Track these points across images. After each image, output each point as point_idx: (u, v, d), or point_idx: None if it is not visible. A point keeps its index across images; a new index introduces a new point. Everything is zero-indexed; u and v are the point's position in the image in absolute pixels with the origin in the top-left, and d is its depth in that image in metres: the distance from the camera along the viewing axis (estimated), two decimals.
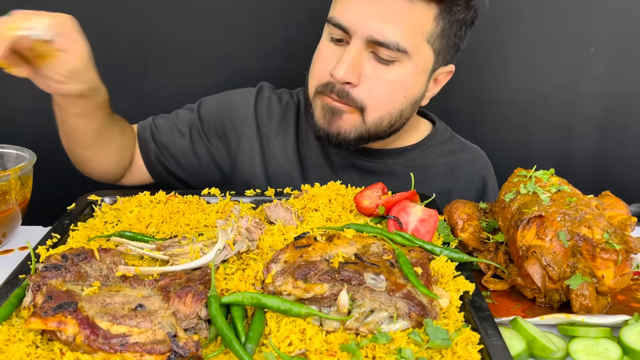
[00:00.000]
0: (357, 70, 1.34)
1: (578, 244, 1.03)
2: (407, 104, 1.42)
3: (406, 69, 1.36)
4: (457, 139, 1.69)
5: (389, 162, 1.59)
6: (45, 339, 0.84)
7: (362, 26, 1.31)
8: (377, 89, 1.36)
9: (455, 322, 0.91)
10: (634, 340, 0.94)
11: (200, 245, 1.04)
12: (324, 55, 1.40)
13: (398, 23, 1.31)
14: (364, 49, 1.33)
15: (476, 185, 1.65)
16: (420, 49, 1.35)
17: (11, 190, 1.24)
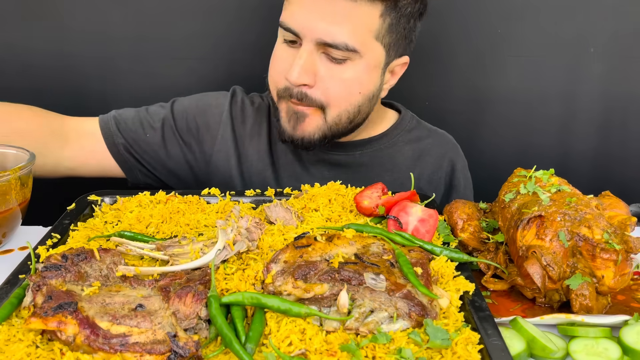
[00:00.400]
0: (311, 71, 1.37)
1: (578, 244, 1.03)
2: (363, 100, 1.45)
3: (358, 66, 1.39)
4: (424, 126, 1.73)
5: (357, 153, 1.63)
6: (45, 339, 0.84)
7: (310, 29, 1.34)
8: (332, 88, 1.40)
9: (455, 322, 0.91)
10: (633, 340, 0.94)
11: (200, 246, 1.04)
12: (279, 58, 1.44)
13: (344, 24, 1.34)
14: (315, 50, 1.37)
15: (445, 169, 1.68)
16: (369, 47, 1.38)
17: (11, 190, 1.24)
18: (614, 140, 2.15)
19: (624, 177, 2.17)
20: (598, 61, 2.05)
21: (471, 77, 2.07)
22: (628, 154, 2.16)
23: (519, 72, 2.09)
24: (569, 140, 2.16)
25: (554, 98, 2.11)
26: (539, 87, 2.10)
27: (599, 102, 2.11)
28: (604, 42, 2.03)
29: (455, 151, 1.73)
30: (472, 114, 2.13)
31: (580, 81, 2.08)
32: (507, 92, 2.11)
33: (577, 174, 2.14)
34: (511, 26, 2.01)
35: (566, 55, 2.05)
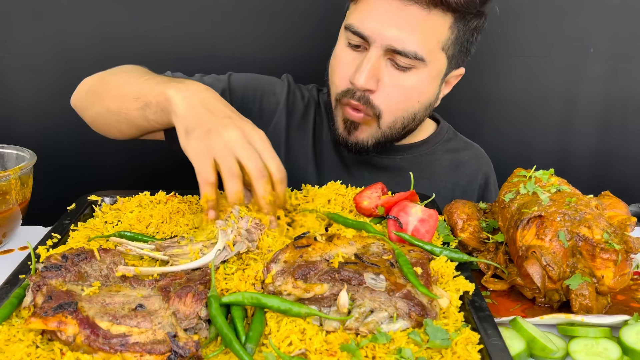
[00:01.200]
0: (376, 77, 1.38)
1: (578, 244, 1.03)
2: (420, 108, 1.48)
3: (421, 75, 1.40)
4: (460, 138, 1.75)
5: (397, 157, 1.64)
6: (45, 339, 0.84)
7: (381, 35, 1.34)
8: (394, 95, 1.41)
9: (455, 322, 0.91)
10: (633, 340, 0.94)
11: (200, 246, 1.04)
12: (342, 62, 1.44)
13: (416, 32, 1.34)
14: (382, 56, 1.37)
15: (479, 182, 1.70)
16: (435, 56, 1.40)
17: (11, 190, 1.24)
18: (614, 140, 2.15)
19: (624, 177, 2.18)
20: (598, 61, 2.06)
21: (471, 77, 2.06)
22: (628, 154, 2.16)
23: (519, 72, 2.09)
24: (568, 140, 2.16)
25: (554, 98, 2.11)
26: (539, 87, 2.10)
27: (599, 102, 2.11)
28: (604, 42, 2.03)
29: (489, 166, 1.74)
30: (472, 114, 2.13)
31: (580, 81, 2.08)
32: (507, 92, 2.12)
33: (577, 174, 2.14)
34: (511, 26, 2.01)
35: (566, 55, 2.05)
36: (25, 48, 1.97)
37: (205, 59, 2.02)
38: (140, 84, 1.30)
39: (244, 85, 1.62)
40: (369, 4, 1.37)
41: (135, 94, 1.29)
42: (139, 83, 1.30)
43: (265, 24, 2.01)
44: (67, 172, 2.04)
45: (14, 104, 2.03)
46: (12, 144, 1.39)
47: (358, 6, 1.40)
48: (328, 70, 1.51)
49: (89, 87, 1.47)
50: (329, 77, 1.50)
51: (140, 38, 1.99)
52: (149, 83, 1.28)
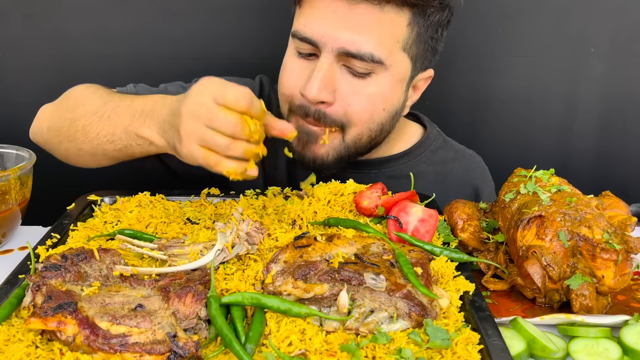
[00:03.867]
0: (331, 87, 1.25)
1: (578, 244, 1.03)
2: (387, 117, 1.34)
3: (383, 80, 1.28)
4: (450, 146, 1.60)
5: (372, 173, 1.50)
6: (45, 339, 0.84)
7: (332, 38, 1.22)
8: (355, 105, 1.28)
9: (455, 322, 0.91)
10: (634, 340, 0.94)
11: (201, 247, 1.04)
12: (292, 71, 1.31)
13: (370, 32, 1.22)
14: (336, 62, 1.25)
15: (468, 196, 1.55)
16: (396, 58, 1.28)
17: (11, 190, 1.24)
18: (614, 140, 2.15)
19: (624, 177, 2.18)
20: (598, 61, 2.05)
21: (471, 77, 2.07)
22: (628, 154, 2.16)
23: (519, 72, 2.09)
24: (569, 140, 2.16)
25: (554, 98, 2.11)
26: (539, 87, 2.10)
27: (599, 102, 2.11)
28: (604, 42, 2.03)
29: (482, 178, 1.61)
30: (472, 114, 2.13)
31: (580, 81, 2.08)
32: (507, 92, 2.11)
33: (577, 174, 2.14)
34: (511, 26, 2.01)
35: (566, 55, 2.05)
36: (25, 48, 1.97)
37: (204, 59, 2.02)
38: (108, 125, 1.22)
39: None
40: (314, 7, 1.25)
41: (109, 136, 1.23)
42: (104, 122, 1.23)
43: (265, 23, 2.01)
44: (66, 172, 2.03)
45: (14, 103, 2.03)
46: (12, 144, 1.39)
47: (303, 10, 1.28)
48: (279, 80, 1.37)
49: (49, 124, 1.37)
50: (278, 90, 1.37)
51: (140, 38, 1.99)
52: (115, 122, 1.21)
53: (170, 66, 2.01)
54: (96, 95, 1.31)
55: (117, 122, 1.21)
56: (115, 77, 2.00)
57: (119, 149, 1.23)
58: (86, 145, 1.28)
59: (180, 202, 1.31)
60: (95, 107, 1.26)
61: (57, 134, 1.33)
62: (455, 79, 2.05)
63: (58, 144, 1.35)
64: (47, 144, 1.40)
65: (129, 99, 1.24)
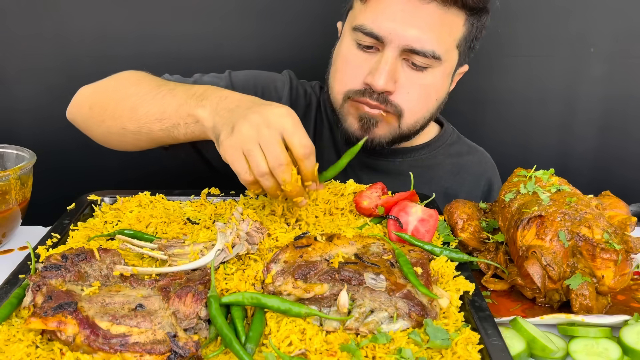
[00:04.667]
0: (394, 78, 1.35)
1: (578, 244, 1.03)
2: (437, 106, 1.47)
3: (437, 72, 1.39)
4: (464, 141, 1.71)
5: (397, 161, 1.61)
6: (45, 339, 0.84)
7: (399, 35, 1.31)
8: (412, 95, 1.39)
9: (455, 322, 0.91)
10: (634, 340, 0.94)
11: (201, 247, 1.04)
12: (353, 63, 1.40)
13: (434, 31, 1.32)
14: (399, 57, 1.35)
15: (482, 187, 1.66)
16: (450, 54, 1.39)
17: (11, 190, 1.24)
18: (614, 140, 2.15)
19: (624, 177, 2.18)
20: (598, 61, 2.06)
21: (471, 77, 2.06)
22: (628, 154, 2.16)
23: (519, 72, 2.09)
24: (569, 140, 2.16)
25: (554, 98, 2.11)
26: (539, 87, 2.10)
27: (599, 102, 2.11)
28: (604, 42, 2.03)
29: (493, 171, 1.71)
30: (472, 114, 2.13)
31: (580, 81, 2.08)
32: (507, 92, 2.12)
33: (577, 174, 2.14)
34: (511, 26, 2.01)
35: (566, 55, 2.05)
36: (26, 48, 1.97)
37: (205, 59, 2.02)
38: (160, 103, 1.28)
39: (243, 82, 1.59)
40: (382, 3, 1.33)
41: (158, 115, 1.28)
42: (157, 102, 1.28)
43: (265, 23, 2.01)
44: (67, 172, 2.04)
45: (14, 103, 2.03)
46: (12, 144, 1.39)
47: (368, 6, 1.36)
48: (329, 71, 1.47)
49: (92, 102, 1.41)
50: (331, 77, 1.46)
51: (140, 38, 1.99)
52: (169, 102, 1.26)
53: (171, 66, 2.01)
54: (149, 79, 1.38)
55: (171, 101, 1.26)
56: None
57: (165, 129, 1.27)
58: (132, 123, 1.31)
59: (180, 202, 1.31)
60: (148, 88, 1.32)
61: (101, 112, 1.36)
62: None
63: (100, 123, 1.38)
64: (85, 122, 1.43)
65: (187, 84, 1.31)
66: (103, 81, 1.44)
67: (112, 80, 1.42)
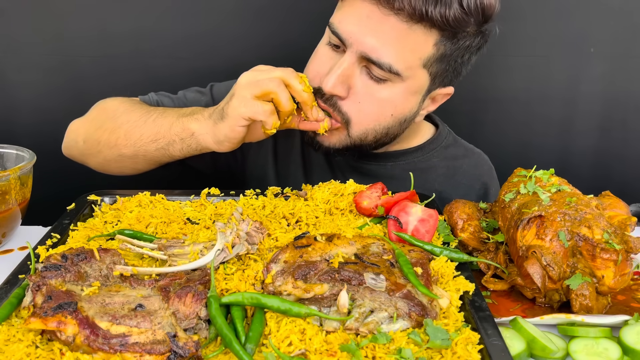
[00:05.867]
0: (347, 83, 1.31)
1: (578, 244, 1.03)
2: (394, 123, 1.40)
3: (397, 89, 1.33)
4: (460, 144, 1.68)
5: (389, 164, 1.58)
6: (45, 339, 0.84)
7: (358, 40, 1.27)
8: (365, 105, 1.33)
9: (455, 322, 0.91)
10: (633, 340, 0.94)
11: (201, 247, 1.04)
12: (319, 58, 1.38)
13: (394, 45, 1.26)
14: (357, 62, 1.30)
15: (477, 191, 1.63)
16: (414, 72, 1.32)
17: (11, 190, 1.24)
18: (614, 140, 2.15)
19: (624, 177, 2.18)
20: (598, 61, 2.06)
21: (471, 77, 2.06)
22: (628, 154, 2.16)
23: (519, 72, 2.09)
24: (569, 140, 2.16)
25: (554, 98, 2.11)
26: (539, 87, 2.10)
27: (599, 102, 2.11)
28: (604, 42, 2.03)
29: (490, 174, 1.67)
30: (472, 114, 2.13)
31: (580, 81, 2.08)
32: (507, 92, 2.12)
33: (577, 174, 2.14)
34: (511, 26, 2.01)
35: (566, 55, 2.05)
36: (25, 48, 1.97)
37: (205, 59, 2.02)
38: (153, 126, 1.38)
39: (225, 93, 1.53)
40: (353, 6, 1.30)
41: (153, 136, 1.37)
42: (149, 125, 1.38)
43: (265, 23, 2.01)
44: (67, 171, 2.04)
45: (14, 104, 2.03)
46: (12, 144, 1.39)
47: (343, 5, 1.33)
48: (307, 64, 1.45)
49: (85, 136, 1.48)
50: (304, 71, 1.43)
51: (141, 38, 1.99)
52: (161, 123, 1.37)
53: (171, 66, 2.01)
54: (137, 106, 1.47)
55: (163, 122, 1.37)
56: (115, 77, 2.01)
57: (161, 147, 1.37)
58: (127, 149, 1.41)
59: (180, 202, 1.31)
60: (139, 115, 1.42)
61: (96, 144, 1.46)
62: None
63: (96, 154, 1.48)
64: (83, 155, 1.52)
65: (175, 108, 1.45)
66: (90, 113, 1.51)
67: (100, 111, 1.50)
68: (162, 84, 2.01)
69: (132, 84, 2.02)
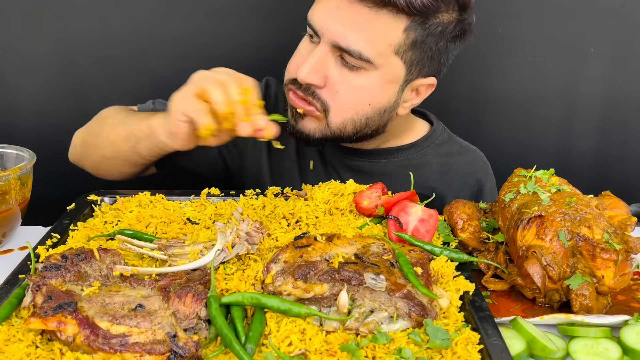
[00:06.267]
0: (322, 72, 1.33)
1: (578, 244, 1.03)
2: (372, 113, 1.40)
3: (372, 77, 1.34)
4: (455, 141, 1.68)
5: (382, 161, 1.58)
6: (45, 339, 0.84)
7: (328, 30, 1.30)
8: (342, 94, 1.35)
9: (455, 322, 0.91)
10: (634, 340, 0.94)
11: (201, 247, 1.04)
12: (299, 52, 1.41)
13: (362, 32, 1.28)
14: (331, 52, 1.33)
15: (471, 188, 1.63)
16: (387, 60, 1.32)
17: (11, 190, 1.24)
18: (614, 140, 2.15)
19: (624, 177, 2.18)
20: (598, 61, 2.05)
21: (471, 77, 2.07)
22: (628, 154, 2.16)
23: (519, 72, 2.09)
24: (569, 140, 2.16)
25: (554, 98, 2.11)
26: (539, 87, 2.10)
27: (599, 102, 2.11)
28: (604, 42, 2.03)
29: (485, 171, 1.67)
30: (472, 114, 2.13)
31: (580, 81, 2.08)
32: (507, 92, 2.11)
33: (577, 174, 2.14)
34: (511, 26, 2.01)
35: (566, 55, 2.05)
36: (25, 48, 1.97)
37: (205, 59, 2.01)
38: (127, 125, 1.42)
39: None
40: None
41: (125, 135, 1.41)
42: (125, 124, 1.43)
43: (266, 24, 2.01)
44: (67, 171, 2.04)
45: (14, 104, 2.03)
46: (12, 144, 1.39)
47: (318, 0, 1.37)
48: None
49: (81, 141, 1.57)
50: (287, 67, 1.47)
51: (141, 38, 1.99)
52: (134, 120, 1.42)
53: (171, 66, 2.01)
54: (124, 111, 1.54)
55: (135, 121, 1.41)
56: (115, 77, 2.01)
57: (131, 146, 1.39)
58: (107, 149, 1.47)
59: (180, 202, 1.31)
60: (120, 117, 1.48)
61: (88, 148, 1.55)
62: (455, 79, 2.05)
63: (88, 157, 1.56)
64: (81, 160, 1.60)
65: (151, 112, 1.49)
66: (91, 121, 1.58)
67: (95, 118, 1.58)
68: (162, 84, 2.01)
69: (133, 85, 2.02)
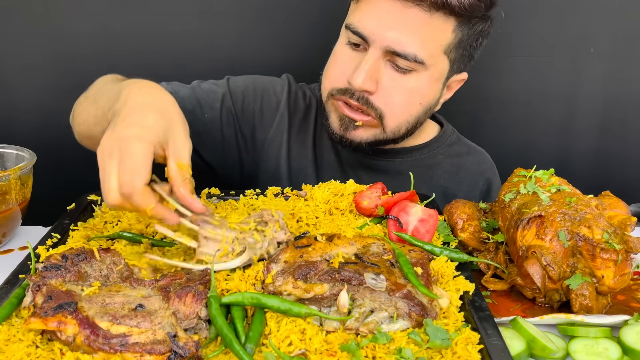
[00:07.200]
0: (375, 78, 1.36)
1: (578, 244, 1.03)
2: (422, 111, 1.46)
3: (422, 77, 1.39)
4: (464, 142, 1.72)
5: (397, 160, 1.62)
6: (45, 339, 0.84)
7: (380, 36, 1.32)
8: (395, 97, 1.39)
9: (455, 322, 0.91)
10: (633, 340, 0.94)
11: (233, 236, 0.99)
12: (341, 60, 1.42)
13: (416, 35, 1.32)
14: (382, 57, 1.35)
15: (480, 187, 1.67)
16: (436, 60, 1.38)
17: (11, 190, 1.24)
18: (614, 140, 2.15)
19: (624, 177, 2.18)
20: (598, 61, 2.06)
21: (471, 77, 2.06)
22: (628, 154, 2.16)
23: (519, 72, 2.09)
24: (569, 140, 2.16)
25: (554, 98, 2.11)
26: (539, 87, 2.10)
27: (599, 102, 2.11)
28: (604, 42, 2.03)
29: (492, 171, 1.72)
30: (472, 114, 2.13)
31: (580, 81, 2.08)
32: (507, 92, 2.12)
33: (577, 174, 2.14)
34: (511, 26, 2.01)
35: (566, 55, 2.05)
36: (25, 48, 1.97)
37: (205, 59, 2.02)
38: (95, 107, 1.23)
39: (243, 87, 1.61)
40: (370, 4, 1.35)
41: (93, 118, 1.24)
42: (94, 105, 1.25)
43: (265, 23, 2.01)
44: (67, 172, 2.04)
45: (14, 103, 2.03)
46: (12, 144, 1.39)
47: (359, 5, 1.38)
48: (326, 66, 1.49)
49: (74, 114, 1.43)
50: (324, 73, 1.48)
51: (140, 38, 1.99)
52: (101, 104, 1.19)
53: (172, 66, 2.01)
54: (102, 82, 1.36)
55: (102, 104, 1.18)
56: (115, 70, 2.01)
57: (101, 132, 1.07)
58: (83, 127, 1.34)
59: None
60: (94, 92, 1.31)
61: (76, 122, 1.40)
62: None
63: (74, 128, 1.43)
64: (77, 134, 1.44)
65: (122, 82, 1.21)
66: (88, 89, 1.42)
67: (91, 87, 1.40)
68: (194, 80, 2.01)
69: None
